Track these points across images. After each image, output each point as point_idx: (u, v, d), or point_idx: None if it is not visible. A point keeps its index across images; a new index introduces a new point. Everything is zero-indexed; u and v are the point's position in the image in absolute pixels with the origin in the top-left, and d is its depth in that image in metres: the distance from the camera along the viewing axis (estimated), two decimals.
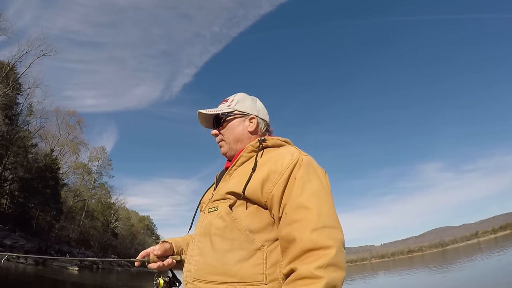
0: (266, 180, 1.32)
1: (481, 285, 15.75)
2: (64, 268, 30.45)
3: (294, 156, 1.36)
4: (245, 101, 1.68)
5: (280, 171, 1.31)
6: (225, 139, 1.62)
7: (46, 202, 39.55)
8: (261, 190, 1.31)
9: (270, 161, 1.37)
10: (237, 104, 1.65)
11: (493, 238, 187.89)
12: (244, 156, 1.49)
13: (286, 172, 1.30)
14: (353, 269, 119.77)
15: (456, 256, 59.34)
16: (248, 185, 1.33)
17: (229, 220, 1.33)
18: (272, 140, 1.53)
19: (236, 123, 1.63)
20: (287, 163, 1.33)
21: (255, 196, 1.31)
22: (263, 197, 1.31)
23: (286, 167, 1.32)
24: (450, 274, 26.47)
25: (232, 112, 1.64)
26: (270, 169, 1.34)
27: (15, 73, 37.00)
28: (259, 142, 1.49)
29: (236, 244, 1.28)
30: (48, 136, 49.23)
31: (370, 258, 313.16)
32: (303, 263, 1.12)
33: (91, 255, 48.44)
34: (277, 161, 1.35)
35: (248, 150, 1.49)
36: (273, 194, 1.29)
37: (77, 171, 56.81)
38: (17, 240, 28.38)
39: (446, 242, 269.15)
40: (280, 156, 1.38)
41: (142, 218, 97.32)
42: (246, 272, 1.24)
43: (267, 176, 1.32)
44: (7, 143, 35.41)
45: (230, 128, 1.62)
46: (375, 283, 33.84)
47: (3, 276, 17.61)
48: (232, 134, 1.61)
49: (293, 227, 1.20)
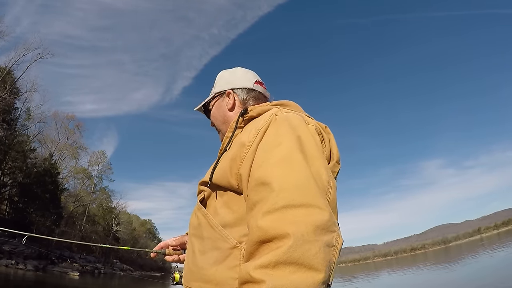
0: (234, 158, 1.02)
1: (487, 282, 15.38)
2: (65, 274, 29.99)
3: (266, 118, 1.03)
4: (222, 79, 1.46)
5: (248, 143, 0.99)
6: (216, 126, 1.44)
7: (45, 207, 39.17)
8: (229, 171, 1.02)
9: (243, 135, 1.08)
10: (216, 86, 1.45)
11: (495, 234, 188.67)
12: (227, 136, 1.19)
13: (255, 142, 0.98)
14: (356, 269, 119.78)
15: (459, 253, 59.10)
16: (216, 169, 1.08)
17: (201, 216, 1.10)
18: (257, 108, 1.19)
19: (217, 106, 1.42)
20: (256, 129, 1.01)
21: (224, 181, 1.04)
22: (234, 179, 1.02)
23: (255, 135, 0.99)
24: (454, 271, 26.18)
25: (212, 95, 1.44)
26: (239, 143, 1.03)
27: (12, 77, 36.65)
28: (240, 115, 1.19)
29: (209, 243, 1.04)
30: (47, 141, 48.79)
31: (373, 257, 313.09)
32: (248, 261, 0.79)
33: (93, 260, 48.13)
34: (250, 131, 1.03)
35: (230, 129, 1.20)
36: (241, 174, 0.98)
37: (77, 176, 56.55)
38: (16, 246, 27.93)
39: (449, 239, 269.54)
40: (255, 124, 1.06)
41: (143, 222, 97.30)
42: (222, 276, 0.97)
43: (235, 152, 1.02)
44: (6, 148, 35.08)
45: (214, 113, 1.43)
46: (379, 282, 33.44)
47: (3, 283, 17.25)
48: (217, 119, 1.42)
49: (251, 214, 0.85)
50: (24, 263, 26.07)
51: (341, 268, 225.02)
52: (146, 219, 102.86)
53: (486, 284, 14.80)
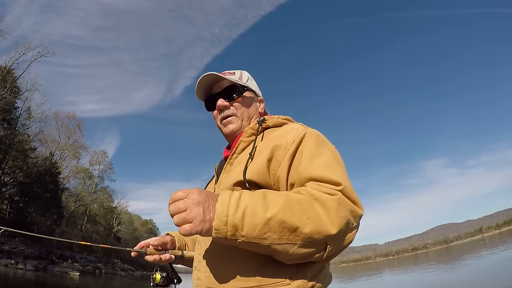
0: (271, 159, 1.15)
1: (489, 282, 15.34)
2: (65, 274, 29.80)
3: (300, 130, 1.21)
4: (252, 82, 1.53)
5: (285, 147, 1.15)
6: (238, 115, 1.42)
7: (46, 206, 39.04)
8: (267, 171, 1.14)
9: (273, 141, 1.20)
10: (248, 81, 1.49)
11: (497, 233, 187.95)
12: (244, 141, 1.31)
13: (292, 147, 1.14)
14: (357, 268, 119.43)
15: (461, 253, 58.81)
16: (249, 167, 1.16)
17: None
18: (272, 119, 1.35)
19: (250, 101, 1.47)
20: (292, 137, 1.17)
21: (262, 180, 1.14)
22: (271, 179, 1.15)
23: (292, 141, 1.16)
24: (456, 271, 26.08)
25: (248, 87, 1.47)
26: (274, 145, 1.17)
27: (13, 76, 36.47)
28: (258, 123, 1.32)
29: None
30: (48, 141, 48.69)
31: (375, 256, 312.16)
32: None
33: (94, 260, 47.97)
34: (281, 138, 1.19)
35: (248, 134, 1.32)
36: (279, 175, 1.13)
37: (78, 175, 56.31)
38: (16, 245, 27.76)
39: (451, 238, 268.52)
40: (284, 133, 1.23)
41: (145, 221, 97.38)
42: (263, 274, 1.07)
43: (271, 154, 1.15)
44: (6, 148, 34.90)
45: (246, 103, 1.45)
46: (380, 282, 33.18)
47: (2, 283, 17.05)
48: (247, 111, 1.44)
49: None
50: (24, 263, 25.86)
51: (342, 268, 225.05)
52: (148, 219, 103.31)
53: (488, 284, 14.73)
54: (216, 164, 1.57)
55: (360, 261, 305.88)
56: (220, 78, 1.42)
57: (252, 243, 0.95)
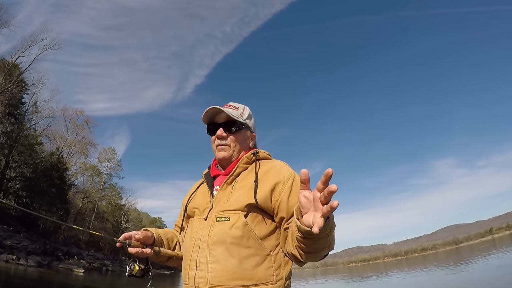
0: (273, 190, 1.53)
1: (500, 284, 14.80)
2: (70, 271, 29.13)
3: (290, 170, 1.62)
4: (251, 119, 1.85)
5: (283, 181, 1.55)
6: (231, 146, 1.72)
7: (52, 202, 38.62)
8: (270, 199, 1.53)
9: (271, 173, 1.59)
10: (247, 118, 1.80)
11: (507, 234, 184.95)
12: (241, 166, 1.66)
13: (289, 182, 1.55)
14: (366, 268, 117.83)
15: (470, 254, 57.31)
16: (258, 195, 1.51)
17: (246, 230, 1.48)
18: (262, 153, 1.73)
19: (246, 136, 1.80)
20: (287, 175, 1.57)
21: (266, 205, 1.52)
22: (272, 205, 1.53)
23: (288, 178, 1.56)
24: (466, 272, 25.06)
25: (246, 124, 1.79)
26: (274, 179, 1.56)
27: (19, 70, 35.98)
28: (253, 154, 1.69)
29: (252, 251, 1.46)
30: (56, 137, 48.33)
31: (383, 257, 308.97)
32: None
33: (101, 257, 47.56)
34: (279, 173, 1.58)
35: (244, 162, 1.67)
36: (280, 200, 1.52)
37: (86, 172, 55.92)
38: (20, 241, 27.22)
39: (460, 239, 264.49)
40: (278, 168, 1.62)
41: (153, 219, 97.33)
42: (261, 275, 1.44)
43: (273, 186, 1.54)
44: (12, 142, 34.47)
45: (241, 138, 1.76)
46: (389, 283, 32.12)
47: (3, 279, 16.44)
48: (241, 145, 1.75)
49: None
50: (26, 259, 25.09)
51: (350, 268, 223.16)
52: (156, 217, 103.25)
53: (498, 286, 14.43)
54: (203, 172, 1.83)
55: (368, 261, 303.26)
56: (223, 112, 1.70)
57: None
